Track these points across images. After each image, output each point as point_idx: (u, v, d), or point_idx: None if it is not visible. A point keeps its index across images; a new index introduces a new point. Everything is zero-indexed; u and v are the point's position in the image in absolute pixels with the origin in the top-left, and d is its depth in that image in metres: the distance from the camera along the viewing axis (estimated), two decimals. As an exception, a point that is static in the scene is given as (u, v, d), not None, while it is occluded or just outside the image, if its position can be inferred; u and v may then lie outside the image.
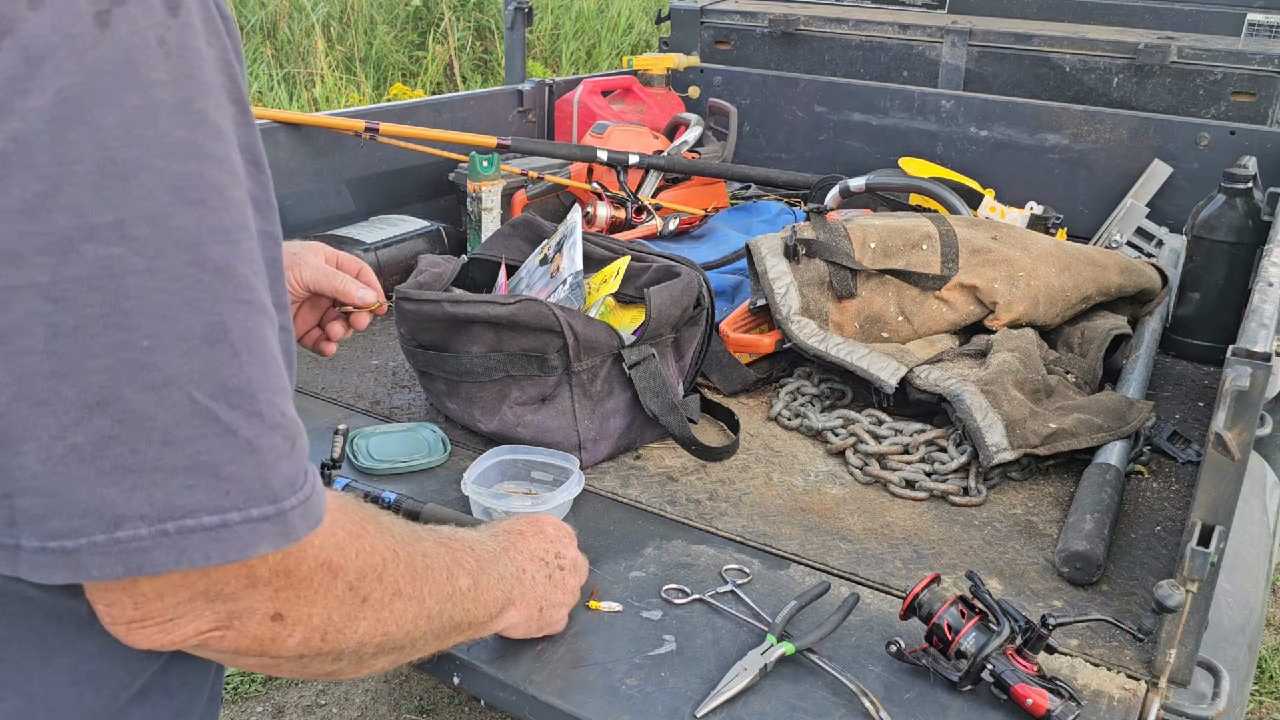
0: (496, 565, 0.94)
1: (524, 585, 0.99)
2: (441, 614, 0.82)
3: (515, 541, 1.02)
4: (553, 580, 1.03)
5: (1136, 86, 2.54)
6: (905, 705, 1.01)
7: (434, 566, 0.82)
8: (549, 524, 1.07)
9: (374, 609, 0.73)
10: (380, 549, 0.74)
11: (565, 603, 1.05)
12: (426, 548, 0.82)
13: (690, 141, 2.33)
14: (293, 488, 0.62)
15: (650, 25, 7.12)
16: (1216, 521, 0.97)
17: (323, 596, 0.69)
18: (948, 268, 1.68)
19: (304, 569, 0.67)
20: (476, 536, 0.96)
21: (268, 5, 6.26)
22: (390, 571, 0.75)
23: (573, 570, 1.06)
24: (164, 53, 0.57)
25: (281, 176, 2.02)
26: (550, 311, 1.35)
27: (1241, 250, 1.84)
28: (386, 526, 0.77)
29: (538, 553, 1.03)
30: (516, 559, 0.99)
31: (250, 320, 0.60)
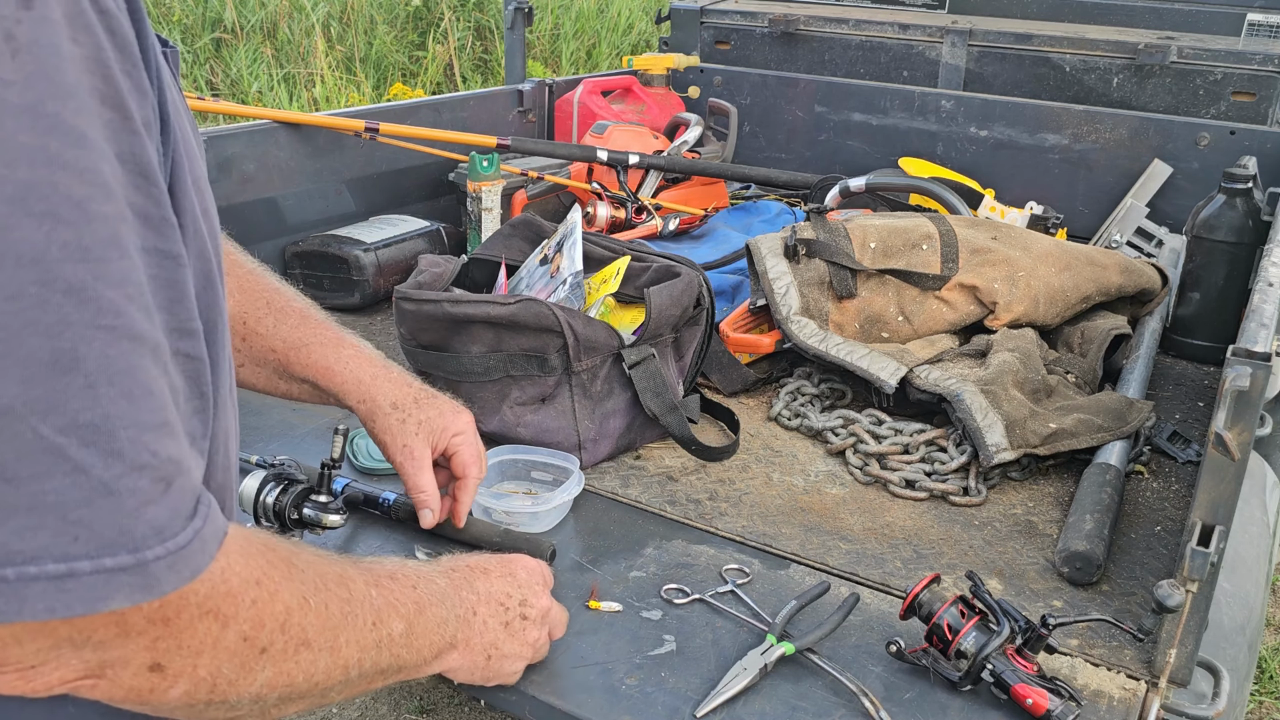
0: (441, 606, 0.88)
1: (471, 629, 0.92)
2: (363, 661, 0.77)
3: (473, 580, 0.95)
4: (509, 628, 0.96)
5: (1136, 86, 2.54)
6: (905, 705, 1.01)
7: (357, 612, 0.76)
8: (523, 568, 1.01)
9: (275, 660, 0.68)
10: (286, 597, 0.69)
11: (521, 654, 0.98)
12: (352, 592, 0.77)
13: (690, 141, 2.33)
14: (161, 536, 0.57)
15: (650, 25, 7.11)
16: (1216, 521, 0.97)
17: (210, 648, 0.63)
18: (948, 268, 1.68)
19: (185, 619, 0.61)
20: (425, 573, 0.90)
21: (268, 5, 6.26)
22: (297, 620, 0.69)
23: (537, 621, 0.99)
24: (11, 49, 0.51)
25: (281, 176, 2.02)
26: (550, 311, 1.35)
27: (1241, 250, 1.84)
28: (301, 570, 0.72)
29: (498, 596, 0.96)
30: (468, 599, 0.93)
31: (114, 348, 0.54)
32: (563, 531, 1.29)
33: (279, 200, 2.02)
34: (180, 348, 0.61)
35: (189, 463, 0.60)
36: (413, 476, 1.15)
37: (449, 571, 0.94)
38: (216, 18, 6.13)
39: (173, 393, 0.60)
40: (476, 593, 0.94)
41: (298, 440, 1.49)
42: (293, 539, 0.77)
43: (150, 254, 0.58)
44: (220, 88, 5.98)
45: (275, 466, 1.23)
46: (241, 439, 1.45)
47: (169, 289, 0.60)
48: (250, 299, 1.15)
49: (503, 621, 0.96)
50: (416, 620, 0.83)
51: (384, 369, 1.17)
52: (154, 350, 0.57)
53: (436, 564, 0.95)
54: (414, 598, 0.84)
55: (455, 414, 1.17)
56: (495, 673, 0.97)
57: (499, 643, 0.95)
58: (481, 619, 0.94)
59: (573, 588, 1.18)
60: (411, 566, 0.89)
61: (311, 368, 1.15)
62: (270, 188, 2.02)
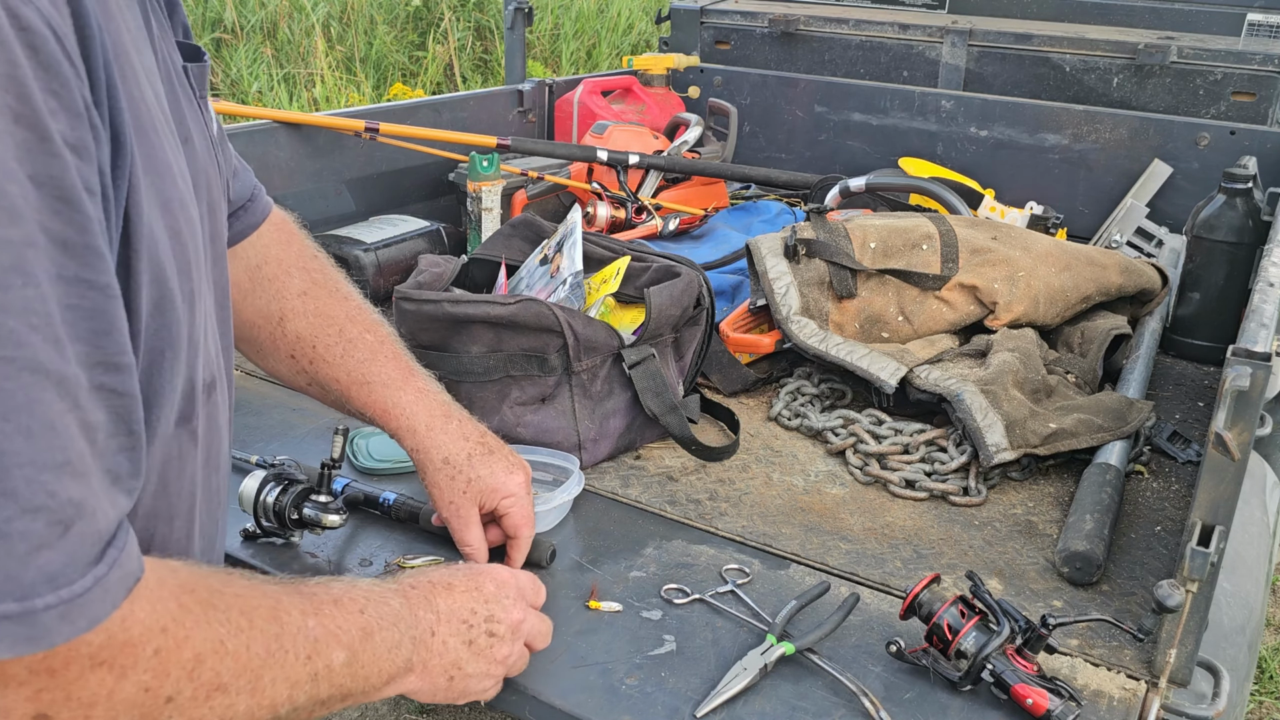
0: (394, 629, 0.84)
1: (429, 650, 0.88)
2: (295, 696, 0.73)
3: (434, 597, 0.90)
4: (473, 647, 0.92)
5: (1136, 86, 2.54)
6: (905, 705, 1.01)
7: (288, 647, 0.72)
8: (491, 580, 0.96)
9: (183, 709, 0.64)
10: (197, 642, 0.65)
11: (488, 673, 0.94)
12: (284, 626, 0.73)
13: (690, 141, 2.33)
14: (53, 584, 0.53)
15: (650, 25, 7.12)
16: (1216, 521, 0.97)
17: (105, 699, 0.60)
18: (948, 268, 1.68)
19: (74, 670, 0.58)
20: (378, 594, 0.85)
21: (268, 5, 6.26)
22: (210, 666, 0.65)
23: (507, 637, 0.95)
24: None
25: (281, 176, 2.02)
26: (550, 311, 1.35)
27: (1241, 250, 1.84)
28: (221, 610, 0.68)
29: (460, 613, 0.91)
30: (425, 619, 0.88)
31: (11, 381, 0.52)
32: (563, 531, 1.29)
33: (279, 200, 2.00)
34: (104, 382, 0.58)
35: (96, 504, 0.57)
36: (459, 533, 1.15)
37: (407, 590, 0.89)
38: (216, 18, 6.13)
39: (86, 429, 0.57)
40: (436, 611, 0.90)
41: (298, 440, 1.49)
42: (228, 570, 0.73)
43: (68, 282, 0.55)
44: (220, 88, 5.98)
45: (275, 466, 1.23)
46: (242, 439, 1.46)
47: (91, 319, 0.57)
48: (323, 325, 1.15)
49: (466, 640, 0.91)
50: (362, 647, 0.79)
51: (443, 418, 1.15)
52: (60, 384, 0.54)
53: (396, 581, 0.91)
54: (359, 624, 0.80)
55: (508, 474, 1.15)
56: (461, 692, 0.93)
57: (462, 662, 0.91)
58: (441, 639, 0.89)
59: (573, 588, 1.18)
60: (363, 588, 0.84)
61: (371, 407, 1.15)
62: (270, 188, 1.99)
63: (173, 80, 0.76)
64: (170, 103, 0.74)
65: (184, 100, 0.78)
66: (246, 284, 1.14)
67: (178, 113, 0.75)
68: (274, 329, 1.15)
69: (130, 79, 0.64)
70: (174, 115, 0.74)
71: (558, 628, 1.10)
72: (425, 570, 0.95)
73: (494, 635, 0.93)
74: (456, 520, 1.14)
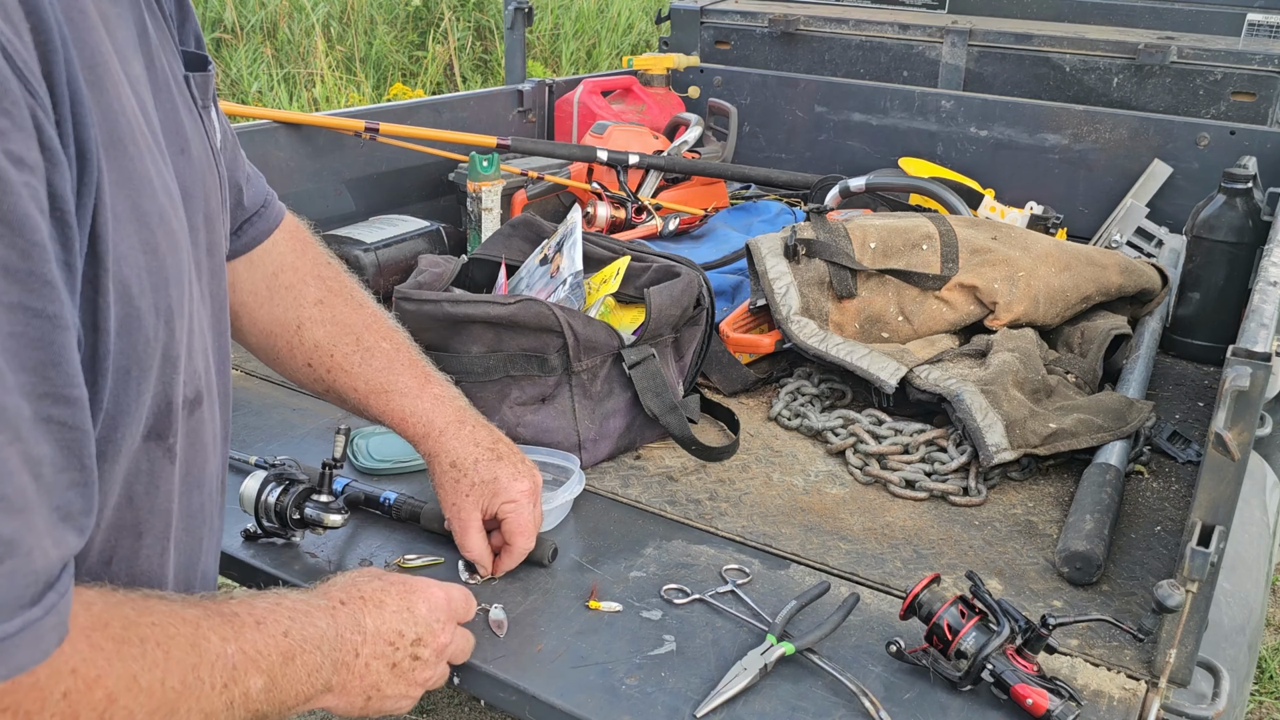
0: (316, 652, 0.81)
1: (350, 673, 0.86)
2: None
3: (362, 617, 0.88)
4: (396, 669, 0.90)
5: (1136, 86, 2.54)
6: (905, 705, 1.01)
7: (204, 678, 0.70)
8: (424, 601, 0.93)
9: None
10: (109, 682, 0.62)
11: (408, 694, 0.92)
12: (202, 655, 0.70)
13: (690, 141, 2.33)
14: None
15: (650, 25, 7.12)
16: (1216, 521, 0.97)
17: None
18: (948, 268, 1.68)
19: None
20: (304, 610, 0.83)
21: (268, 5, 6.26)
22: (123, 704, 0.63)
23: (431, 660, 0.93)
24: None
25: (281, 176, 2.02)
26: (550, 311, 1.35)
27: (1241, 250, 1.84)
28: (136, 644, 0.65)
29: (387, 635, 0.89)
30: (350, 640, 0.86)
31: None
32: (563, 531, 1.29)
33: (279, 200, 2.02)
34: (51, 414, 0.55)
35: (34, 543, 0.54)
36: (459, 536, 1.15)
37: (336, 606, 0.87)
38: (216, 17, 6.13)
39: (29, 463, 0.54)
40: (363, 632, 0.87)
41: (298, 440, 1.49)
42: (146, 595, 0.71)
43: (9, 309, 0.52)
44: (220, 88, 5.98)
45: (276, 467, 1.23)
46: (242, 439, 1.46)
47: (36, 349, 0.54)
48: (341, 333, 1.16)
49: (389, 663, 0.89)
50: (282, 672, 0.77)
51: (456, 423, 1.16)
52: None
53: (326, 595, 0.88)
54: (281, 647, 0.78)
55: (513, 479, 1.15)
56: (376, 710, 0.91)
57: (382, 684, 0.89)
58: (364, 661, 0.87)
59: (573, 588, 1.18)
60: (288, 604, 0.82)
61: (389, 415, 1.16)
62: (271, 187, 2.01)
63: (171, 90, 0.75)
64: (165, 113, 0.73)
65: (183, 110, 0.76)
66: (264, 292, 1.15)
67: (173, 123, 0.74)
68: (291, 337, 1.16)
69: (108, 90, 0.62)
70: (168, 126, 0.73)
71: (558, 628, 1.10)
72: (361, 581, 0.92)
73: (418, 659, 0.92)
74: (458, 523, 1.15)
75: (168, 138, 0.72)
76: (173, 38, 0.79)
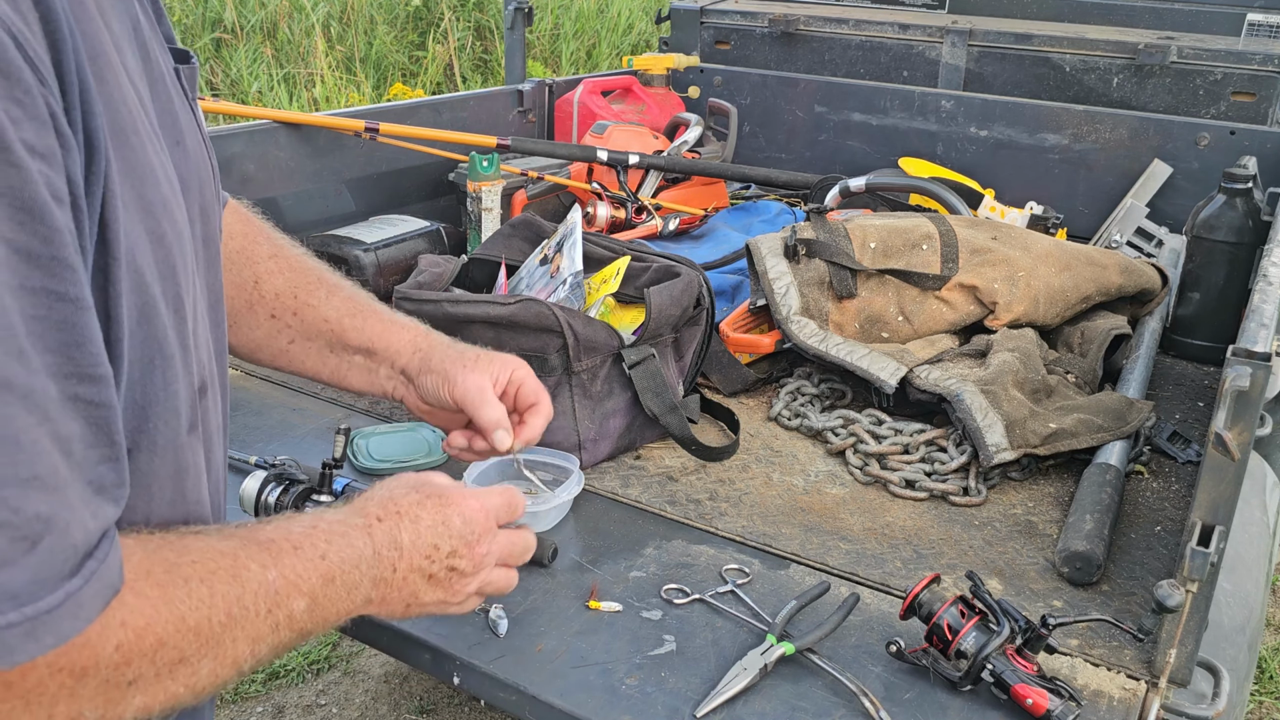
0: (355, 571, 0.82)
1: (388, 587, 0.87)
2: (258, 649, 0.73)
3: (399, 532, 0.87)
4: (433, 580, 0.90)
5: (1136, 86, 2.54)
6: (905, 705, 1.01)
7: (249, 604, 0.71)
8: (459, 514, 0.92)
9: (146, 687, 0.64)
10: (159, 627, 0.64)
11: (448, 600, 0.93)
12: (245, 585, 0.71)
13: (690, 141, 2.33)
14: (16, 601, 0.53)
15: (650, 25, 7.12)
16: (1216, 521, 0.97)
17: (67, 698, 0.59)
18: (948, 268, 1.69)
19: (32, 680, 0.57)
20: (341, 532, 0.83)
21: (268, 5, 6.26)
22: (172, 644, 0.65)
23: (469, 572, 0.93)
24: None
25: (281, 176, 2.02)
26: (550, 311, 1.35)
27: (1241, 250, 1.84)
28: (180, 584, 0.67)
29: (423, 549, 0.89)
30: (387, 557, 0.86)
31: None
32: (563, 531, 1.29)
33: (279, 200, 2.02)
34: (78, 393, 0.57)
35: (70, 518, 0.56)
36: (476, 408, 1.08)
37: (373, 524, 0.86)
38: (216, 18, 6.13)
39: (60, 442, 0.56)
40: (399, 548, 0.87)
41: (298, 440, 1.49)
42: (181, 533, 0.72)
43: (33, 293, 0.54)
44: (220, 88, 5.98)
45: (276, 467, 1.23)
46: (242, 439, 1.46)
47: (60, 331, 0.55)
48: (301, 276, 1.12)
49: (426, 574, 0.89)
50: (322, 593, 0.79)
51: (440, 335, 1.16)
52: (26, 397, 0.53)
53: (363, 512, 0.87)
54: (320, 570, 0.79)
55: (513, 358, 1.14)
56: (418, 614, 0.93)
57: (419, 593, 0.90)
58: (401, 575, 0.87)
59: (573, 588, 1.18)
60: (325, 526, 0.82)
61: (367, 333, 1.11)
62: (270, 188, 2.02)
63: (165, 82, 0.75)
64: (161, 105, 0.73)
65: (177, 102, 0.77)
66: None
67: (169, 115, 0.74)
68: (249, 294, 1.12)
69: (110, 81, 0.63)
70: (165, 117, 0.73)
71: (558, 628, 1.10)
72: (395, 496, 0.91)
73: (454, 570, 0.92)
74: (473, 395, 1.08)
75: (164, 129, 0.72)
76: (159, 32, 0.79)
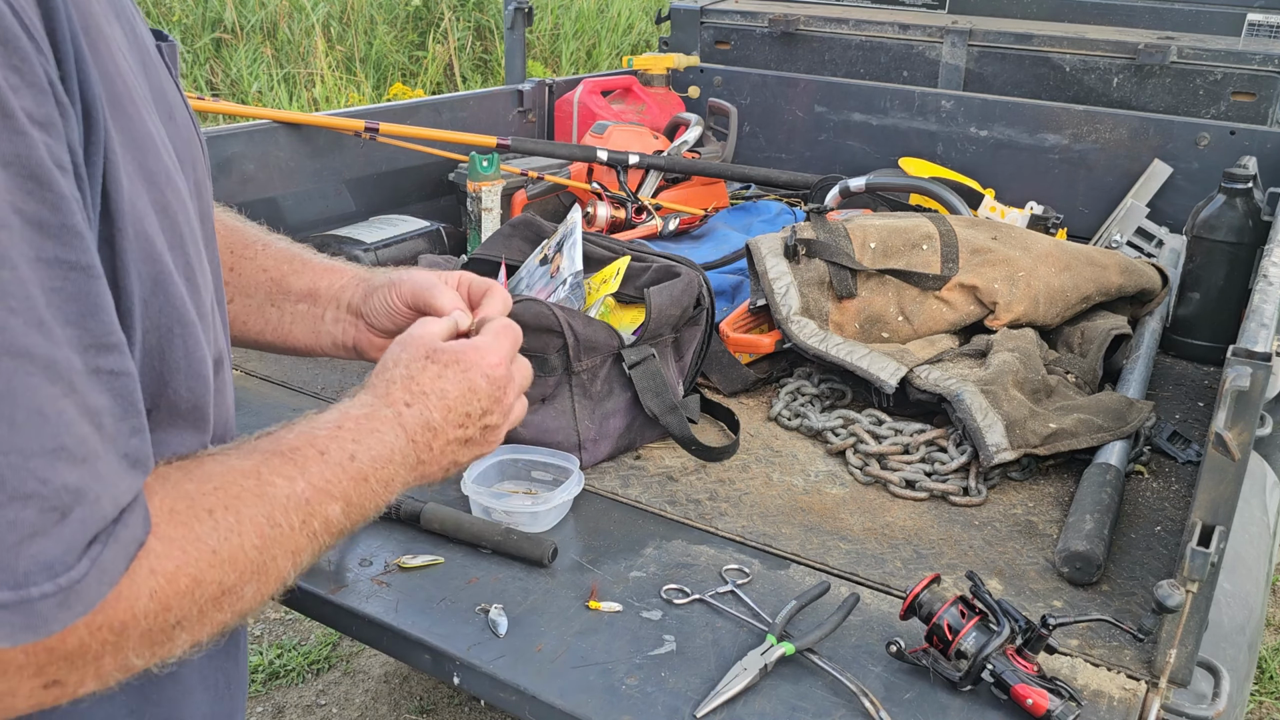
0: (388, 465, 0.80)
1: (427, 465, 0.85)
2: (299, 560, 0.72)
3: (428, 413, 0.84)
4: (469, 444, 0.89)
5: (1136, 86, 2.54)
6: (905, 705, 1.01)
7: (281, 522, 0.70)
8: (482, 375, 0.88)
9: (190, 626, 0.64)
10: (191, 566, 0.63)
11: (481, 453, 0.92)
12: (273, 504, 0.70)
13: (690, 141, 2.33)
14: (50, 572, 0.52)
15: (650, 25, 7.12)
16: (1217, 522, 0.97)
17: (112, 650, 0.59)
18: (948, 268, 1.68)
19: (74, 641, 0.57)
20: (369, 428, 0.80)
21: (268, 5, 6.26)
22: (210, 579, 0.64)
23: (501, 424, 0.91)
24: None
25: (281, 176, 2.02)
26: (550, 311, 1.35)
27: (1242, 250, 1.84)
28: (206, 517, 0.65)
29: (457, 420, 0.87)
30: (423, 440, 0.84)
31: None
32: (563, 531, 1.29)
33: (279, 200, 2.02)
34: (100, 365, 0.56)
35: (101, 490, 0.55)
36: (432, 298, 0.99)
37: (402, 411, 0.83)
38: (216, 18, 6.13)
39: (89, 415, 0.55)
40: (433, 429, 0.85)
41: (298, 440, 1.48)
42: (199, 458, 0.70)
43: (49, 264, 0.54)
44: (220, 88, 5.98)
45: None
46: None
47: (77, 302, 0.55)
48: (237, 234, 1.06)
49: (463, 440, 0.88)
50: (356, 492, 0.77)
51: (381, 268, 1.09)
52: (49, 368, 0.53)
53: (388, 398, 0.84)
54: (350, 471, 0.76)
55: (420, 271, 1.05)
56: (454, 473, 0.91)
57: (459, 458, 0.89)
58: (439, 450, 0.86)
59: (573, 588, 1.18)
60: (351, 424, 0.80)
61: (307, 277, 1.04)
62: (270, 188, 2.02)
63: (152, 57, 0.75)
64: (151, 79, 0.72)
65: (164, 77, 0.76)
66: None
67: (159, 90, 0.73)
68: None
69: (103, 52, 0.62)
70: (155, 92, 0.72)
71: (558, 628, 1.10)
72: (413, 374, 0.87)
73: (487, 428, 0.90)
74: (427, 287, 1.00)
75: (157, 104, 0.71)
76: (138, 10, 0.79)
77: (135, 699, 0.72)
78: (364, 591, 1.16)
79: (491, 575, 1.20)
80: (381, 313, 1.02)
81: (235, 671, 0.85)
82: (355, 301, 1.04)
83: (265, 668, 2.59)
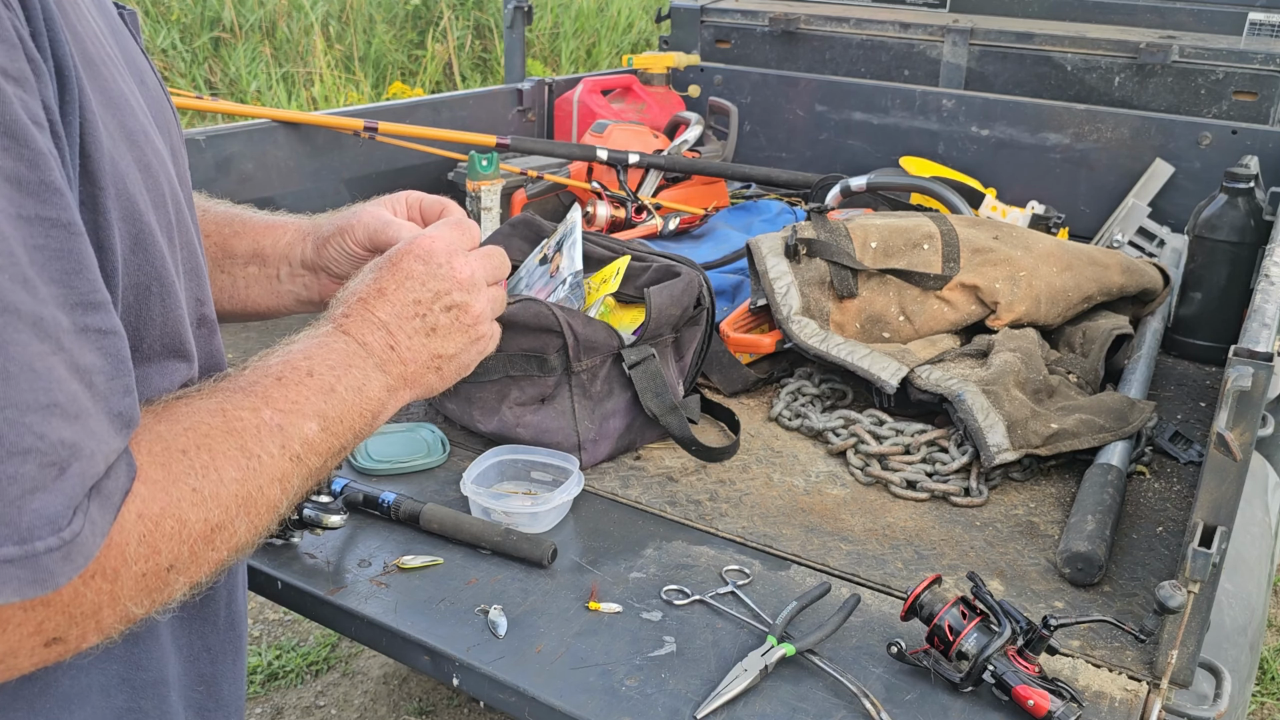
0: (350, 371, 0.79)
1: (400, 363, 0.83)
2: (288, 486, 0.72)
3: (372, 311, 0.83)
4: (438, 331, 0.86)
5: (1138, 86, 2.53)
6: (906, 706, 1.01)
7: (257, 453, 0.69)
8: (415, 258, 0.86)
9: (187, 567, 0.64)
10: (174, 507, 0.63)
11: (469, 339, 0.88)
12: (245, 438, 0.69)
13: (690, 140, 2.33)
14: (53, 526, 0.53)
15: (650, 24, 7.11)
16: (1218, 522, 0.97)
17: (109, 601, 0.60)
18: (949, 267, 1.68)
19: (69, 593, 0.57)
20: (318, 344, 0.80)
21: (266, 4, 6.26)
22: (196, 518, 0.64)
23: (465, 301, 0.87)
24: None
25: (280, 176, 2.02)
26: (550, 311, 1.35)
27: (1243, 250, 1.83)
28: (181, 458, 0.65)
29: (406, 312, 0.84)
30: (377, 339, 0.82)
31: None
32: (563, 532, 1.29)
33: (278, 200, 2.02)
34: (88, 323, 0.56)
35: (95, 448, 0.55)
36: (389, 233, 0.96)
37: (342, 322, 0.82)
38: (215, 17, 6.13)
39: (79, 373, 0.55)
40: (384, 326, 0.83)
41: (297, 440, 1.48)
42: (167, 402, 0.69)
43: (30, 222, 0.53)
44: (219, 87, 5.98)
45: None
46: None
47: (60, 260, 0.54)
48: None
49: (428, 329, 0.85)
50: (329, 406, 0.76)
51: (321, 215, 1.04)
52: (36, 325, 0.53)
53: (329, 318, 0.83)
54: (313, 386, 0.76)
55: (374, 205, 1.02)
56: (460, 369, 0.89)
57: (437, 349, 0.86)
58: (403, 346, 0.83)
59: (573, 589, 1.17)
60: (300, 347, 0.79)
61: (250, 238, 1.02)
62: (269, 187, 2.01)
63: (117, 22, 0.74)
64: (120, 42, 0.72)
65: (130, 45, 0.75)
66: None
67: (129, 53, 0.73)
68: None
69: (71, 13, 0.62)
70: (126, 55, 0.72)
71: (558, 628, 1.10)
72: (351, 289, 0.86)
73: (452, 307, 0.87)
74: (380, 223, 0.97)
75: (129, 67, 0.71)
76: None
77: None
78: (363, 592, 1.16)
79: (491, 576, 1.19)
80: (342, 260, 1.00)
81: (215, 637, 0.82)
82: (309, 256, 1.01)
83: (264, 669, 2.59)
